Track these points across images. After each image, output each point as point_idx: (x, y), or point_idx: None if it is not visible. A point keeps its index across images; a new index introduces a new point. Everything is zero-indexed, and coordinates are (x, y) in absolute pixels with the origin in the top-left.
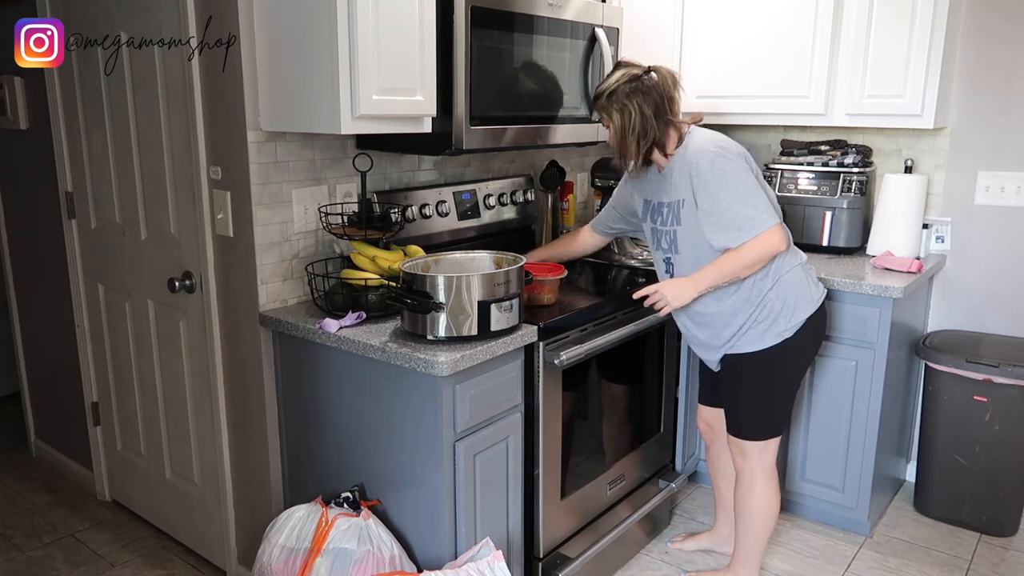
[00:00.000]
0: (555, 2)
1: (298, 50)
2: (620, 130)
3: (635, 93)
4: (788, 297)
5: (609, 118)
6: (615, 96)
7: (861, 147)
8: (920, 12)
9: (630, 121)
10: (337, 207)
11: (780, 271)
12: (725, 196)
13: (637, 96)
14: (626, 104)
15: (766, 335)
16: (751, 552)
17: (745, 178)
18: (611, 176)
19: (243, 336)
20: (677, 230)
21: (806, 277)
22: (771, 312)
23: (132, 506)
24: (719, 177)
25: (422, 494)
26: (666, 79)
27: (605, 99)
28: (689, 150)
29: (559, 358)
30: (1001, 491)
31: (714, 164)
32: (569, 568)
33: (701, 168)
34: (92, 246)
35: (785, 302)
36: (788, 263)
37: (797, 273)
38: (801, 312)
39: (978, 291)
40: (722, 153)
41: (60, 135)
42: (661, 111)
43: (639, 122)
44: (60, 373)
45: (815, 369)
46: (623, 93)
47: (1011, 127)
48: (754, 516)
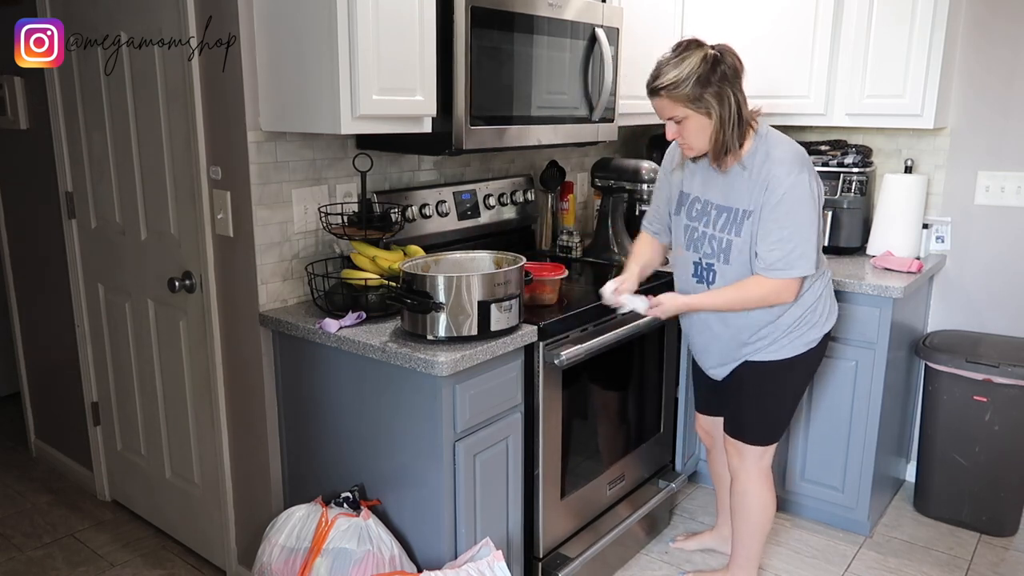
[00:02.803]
0: (555, 2)
1: (298, 50)
2: (720, 121)
3: (725, 77)
4: (823, 308)
5: (704, 109)
6: (708, 81)
7: (861, 147)
8: (920, 12)
9: (729, 110)
10: (337, 207)
11: (821, 286)
12: (788, 227)
13: (728, 80)
14: (723, 89)
15: (788, 346)
16: (749, 553)
17: (812, 215)
18: (611, 176)
19: (243, 336)
20: (734, 241)
21: (830, 286)
22: (808, 322)
23: (132, 506)
24: (794, 205)
25: (422, 494)
26: (737, 61)
27: (694, 86)
28: (771, 158)
29: (559, 358)
30: (1001, 491)
31: (795, 188)
32: (569, 568)
33: (782, 185)
34: (92, 246)
35: (821, 312)
36: (826, 278)
37: (831, 288)
38: (829, 322)
39: (978, 291)
40: (805, 178)
41: (60, 135)
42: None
43: (736, 110)
44: (60, 373)
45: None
46: (715, 78)
47: (1011, 127)
48: (751, 517)
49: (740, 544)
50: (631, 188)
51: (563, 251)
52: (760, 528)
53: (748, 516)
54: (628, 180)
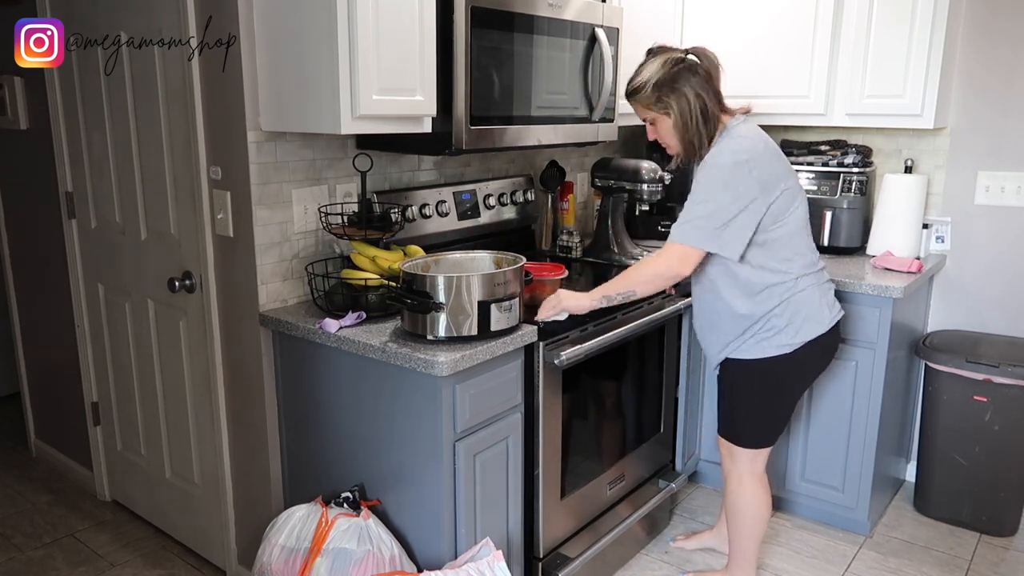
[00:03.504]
0: (555, 2)
1: (298, 50)
2: (681, 119)
3: (684, 76)
4: (794, 317)
5: (665, 110)
6: (665, 83)
7: (861, 147)
8: (920, 12)
9: (689, 107)
10: (337, 207)
11: (793, 290)
12: (692, 196)
13: (688, 78)
14: (681, 89)
15: (764, 345)
16: (745, 552)
17: (719, 193)
18: (611, 176)
19: (243, 336)
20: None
21: (821, 298)
22: (773, 327)
23: (132, 506)
24: (705, 178)
25: (422, 494)
26: (709, 59)
27: (652, 89)
28: (719, 148)
29: (559, 358)
30: (1001, 491)
31: (714, 160)
32: (569, 568)
33: (706, 162)
34: (92, 246)
35: (790, 321)
36: (802, 283)
37: (810, 293)
38: (807, 332)
39: (978, 291)
40: (728, 160)
41: (60, 135)
42: (710, 95)
43: (699, 105)
44: (60, 373)
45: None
46: (671, 78)
47: (1011, 127)
48: (743, 519)
49: (736, 543)
50: (631, 188)
51: (563, 251)
52: (752, 530)
53: (741, 518)
54: (628, 180)
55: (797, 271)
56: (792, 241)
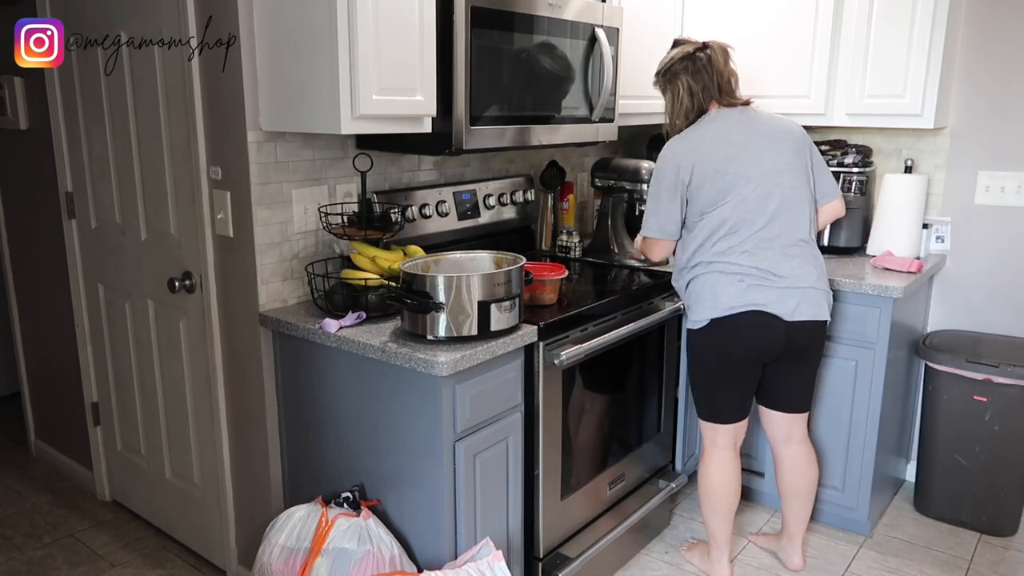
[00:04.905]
0: (555, 2)
1: (298, 50)
2: (670, 105)
3: (685, 71)
4: (692, 294)
5: (663, 94)
6: (668, 74)
7: (861, 147)
8: (920, 12)
9: (677, 96)
10: (337, 207)
11: (694, 271)
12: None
13: (687, 75)
14: (677, 77)
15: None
16: (708, 527)
17: (656, 190)
18: (611, 176)
19: (243, 336)
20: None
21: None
22: (691, 297)
23: (132, 506)
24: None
25: (422, 494)
26: (718, 56)
27: (659, 77)
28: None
29: (559, 358)
30: (1001, 491)
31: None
32: (569, 568)
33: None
34: (92, 246)
35: (694, 297)
36: (702, 269)
37: (711, 278)
38: (703, 312)
39: (978, 291)
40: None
41: (60, 135)
42: (710, 89)
43: (686, 100)
44: (60, 373)
45: None
46: (674, 72)
47: (1011, 127)
48: (702, 488)
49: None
50: (631, 188)
51: (563, 251)
52: (708, 503)
53: (700, 489)
54: (628, 180)
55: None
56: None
